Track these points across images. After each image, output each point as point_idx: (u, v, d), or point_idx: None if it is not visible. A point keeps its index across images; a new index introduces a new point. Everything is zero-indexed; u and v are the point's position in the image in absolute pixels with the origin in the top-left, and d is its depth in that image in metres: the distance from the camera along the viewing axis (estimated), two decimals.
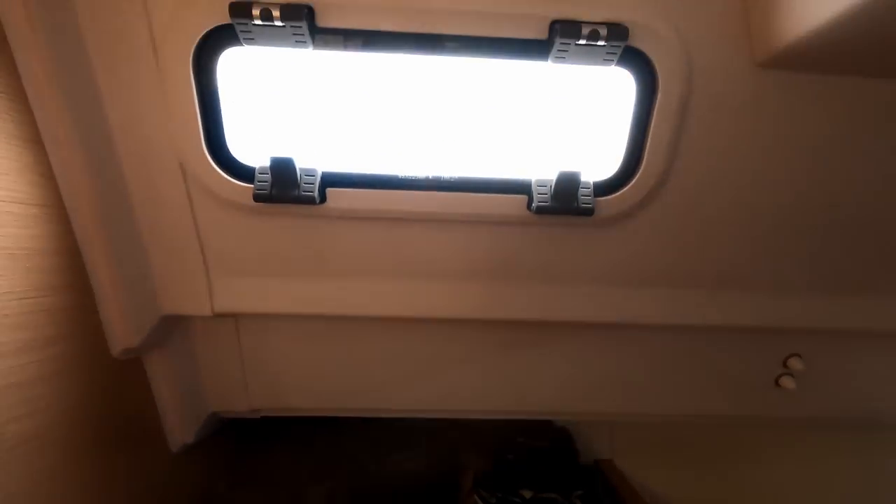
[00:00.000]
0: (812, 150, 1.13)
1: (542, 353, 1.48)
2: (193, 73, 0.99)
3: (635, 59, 1.02)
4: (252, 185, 1.09)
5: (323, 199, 1.12)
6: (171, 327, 1.30)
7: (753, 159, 1.13)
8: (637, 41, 0.98)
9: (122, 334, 1.15)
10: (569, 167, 1.10)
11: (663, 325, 1.36)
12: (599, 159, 1.16)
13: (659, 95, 1.03)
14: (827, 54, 0.93)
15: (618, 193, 1.14)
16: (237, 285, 1.26)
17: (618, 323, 1.35)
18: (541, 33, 0.97)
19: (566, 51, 0.97)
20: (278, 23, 0.91)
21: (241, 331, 1.39)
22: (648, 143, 1.08)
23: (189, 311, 1.26)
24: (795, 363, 1.51)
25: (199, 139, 1.05)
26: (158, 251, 1.19)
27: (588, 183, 1.12)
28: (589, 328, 1.40)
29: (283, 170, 1.06)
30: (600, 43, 0.95)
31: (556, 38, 0.95)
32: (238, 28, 0.93)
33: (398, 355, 1.45)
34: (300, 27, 0.92)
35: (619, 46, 0.96)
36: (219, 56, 1.00)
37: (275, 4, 0.91)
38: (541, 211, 1.12)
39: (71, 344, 1.05)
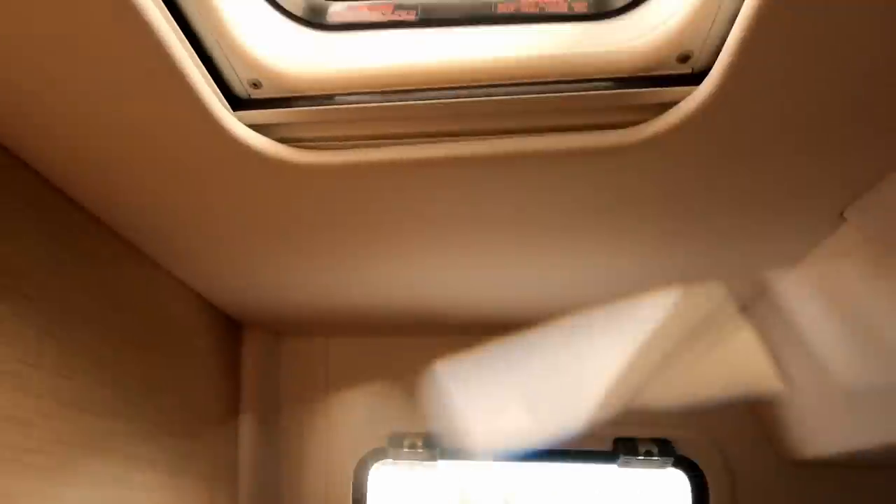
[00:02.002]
0: None
1: None
2: (353, 479, 1.35)
3: (685, 462, 1.32)
4: None
5: None
6: None
7: None
8: (683, 450, 1.30)
9: None
10: None
11: None
12: None
13: (710, 491, 1.28)
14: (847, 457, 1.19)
15: None
16: None
17: None
18: (607, 446, 1.32)
19: (629, 461, 1.29)
20: (419, 449, 1.30)
21: None
22: None
23: None
24: None
25: None
26: None
27: None
28: None
29: None
30: (654, 458, 1.27)
31: (620, 453, 1.28)
32: (389, 451, 1.32)
33: None
34: (434, 451, 1.30)
35: (670, 458, 1.28)
36: (370, 468, 1.38)
37: (419, 435, 1.32)
38: None
39: None
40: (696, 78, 0.66)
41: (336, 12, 0.75)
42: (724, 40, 0.60)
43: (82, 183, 0.81)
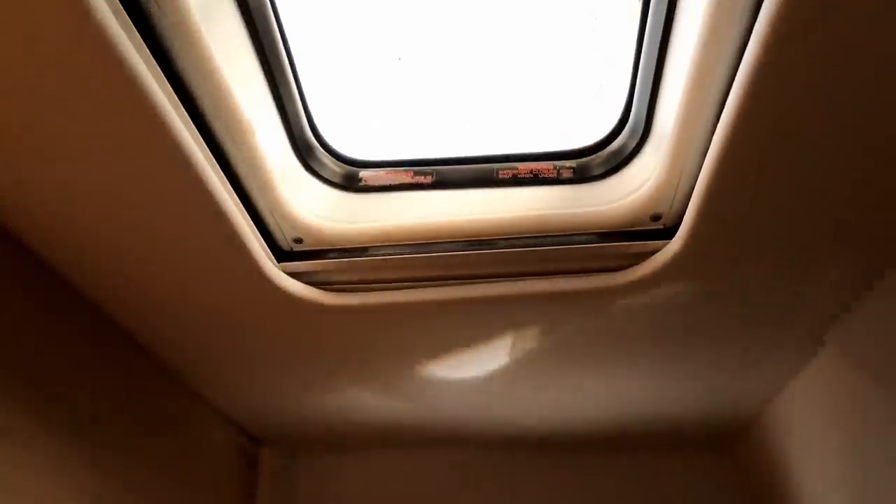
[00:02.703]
0: None
1: None
2: None
3: None
4: None
5: None
6: None
7: None
8: None
9: None
10: None
11: None
12: None
13: None
14: None
15: None
16: None
17: None
18: None
19: None
20: None
21: None
22: None
23: None
24: None
25: None
26: None
27: None
28: None
29: None
30: None
31: None
32: None
33: None
34: None
35: None
36: None
37: None
38: None
39: None
40: (668, 232, 0.78)
41: (366, 177, 0.90)
42: (688, 203, 0.73)
43: (141, 322, 0.92)
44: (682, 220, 0.75)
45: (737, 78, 0.56)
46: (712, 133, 0.64)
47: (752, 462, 1.27)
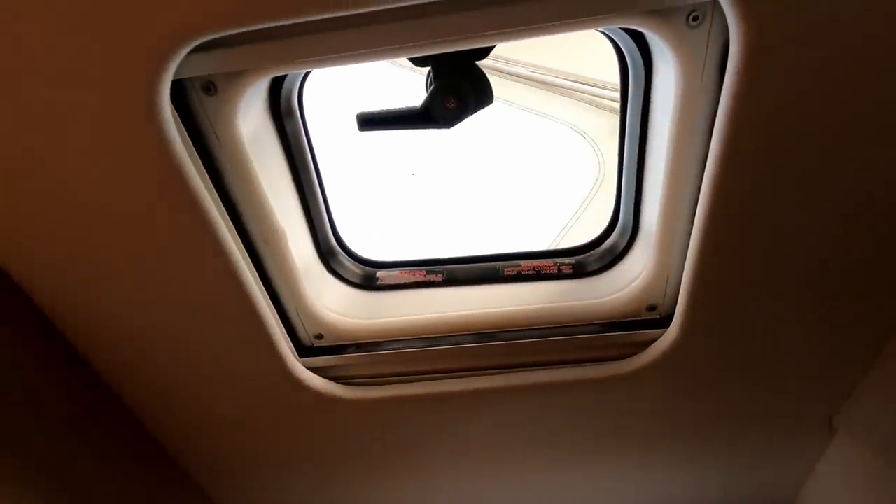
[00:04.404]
0: None
1: None
2: None
3: None
4: None
5: None
6: None
7: None
8: None
9: None
10: None
11: None
12: None
13: None
14: None
15: None
16: None
17: None
18: None
19: None
20: None
21: None
22: None
23: None
24: None
25: None
26: None
27: None
28: None
29: None
30: None
31: None
32: None
33: None
34: None
35: None
36: None
37: None
38: None
39: None
40: (665, 321, 0.83)
41: (382, 277, 0.98)
42: (678, 293, 0.79)
43: (162, 419, 0.96)
44: (675, 309, 0.80)
45: (703, 186, 0.65)
46: (690, 231, 0.72)
47: None
